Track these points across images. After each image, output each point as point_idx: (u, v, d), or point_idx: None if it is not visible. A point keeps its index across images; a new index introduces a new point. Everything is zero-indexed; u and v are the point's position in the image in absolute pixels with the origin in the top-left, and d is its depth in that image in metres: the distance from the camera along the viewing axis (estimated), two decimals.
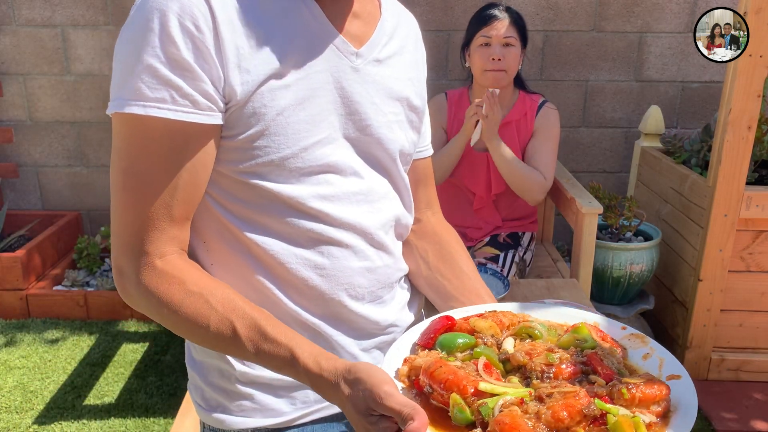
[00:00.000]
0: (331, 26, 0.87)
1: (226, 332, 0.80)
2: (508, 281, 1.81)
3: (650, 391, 0.70)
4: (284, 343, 0.79)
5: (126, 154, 0.79)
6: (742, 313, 2.55)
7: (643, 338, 0.85)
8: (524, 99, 2.31)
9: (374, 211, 0.93)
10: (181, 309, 0.80)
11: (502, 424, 0.65)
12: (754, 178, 2.48)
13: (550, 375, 0.72)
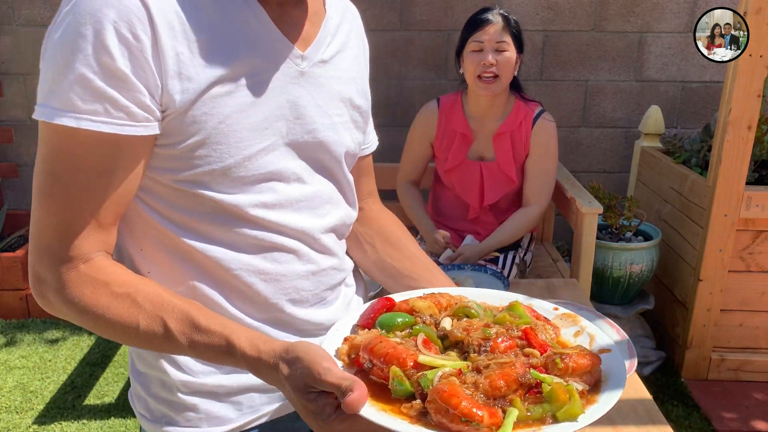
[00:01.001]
0: (277, 30, 0.84)
1: (158, 329, 0.78)
2: (508, 281, 1.81)
3: (582, 362, 0.73)
4: (219, 332, 0.77)
5: (53, 161, 0.76)
6: (742, 313, 2.55)
7: (575, 318, 0.89)
8: (519, 108, 2.26)
9: (318, 215, 0.92)
10: (109, 312, 0.78)
11: (441, 392, 0.66)
12: (754, 178, 2.48)
13: (487, 348, 0.74)
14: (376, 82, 3.54)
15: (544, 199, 2.29)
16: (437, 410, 0.66)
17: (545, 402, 0.69)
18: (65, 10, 0.75)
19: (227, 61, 0.79)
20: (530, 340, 0.77)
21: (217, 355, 0.78)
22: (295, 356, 0.72)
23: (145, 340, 0.79)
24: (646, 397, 1.36)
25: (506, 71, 2.13)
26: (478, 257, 2.17)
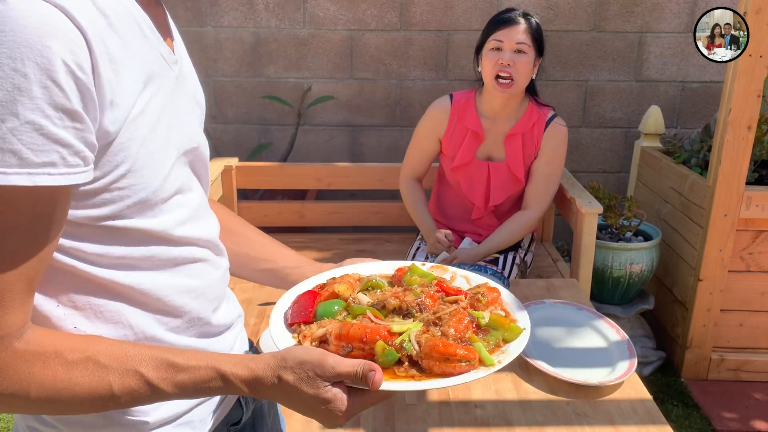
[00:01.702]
0: (159, 36, 0.78)
1: (135, 384, 0.71)
2: (508, 282, 1.81)
3: (494, 294, 0.90)
4: (203, 365, 0.73)
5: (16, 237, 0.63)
6: (742, 313, 2.55)
7: (444, 267, 1.01)
8: (533, 110, 2.25)
9: (210, 219, 0.91)
10: (71, 384, 0.68)
11: (437, 347, 0.76)
12: (753, 178, 2.48)
13: (423, 306, 0.84)
14: (375, 82, 3.57)
15: (545, 204, 2.29)
16: (438, 361, 0.76)
17: (492, 331, 0.83)
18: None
19: (137, 79, 0.72)
20: (446, 290, 0.89)
21: (208, 389, 0.74)
22: (298, 361, 0.73)
23: (122, 402, 0.71)
24: (646, 397, 1.36)
25: (523, 73, 2.12)
26: (474, 261, 2.17)
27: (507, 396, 1.36)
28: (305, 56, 3.23)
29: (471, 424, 1.27)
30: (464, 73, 3.24)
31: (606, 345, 1.53)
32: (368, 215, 2.80)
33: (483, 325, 0.83)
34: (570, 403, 1.34)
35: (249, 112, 3.32)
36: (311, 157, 3.39)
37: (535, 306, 1.66)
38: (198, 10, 3.16)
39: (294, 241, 2.77)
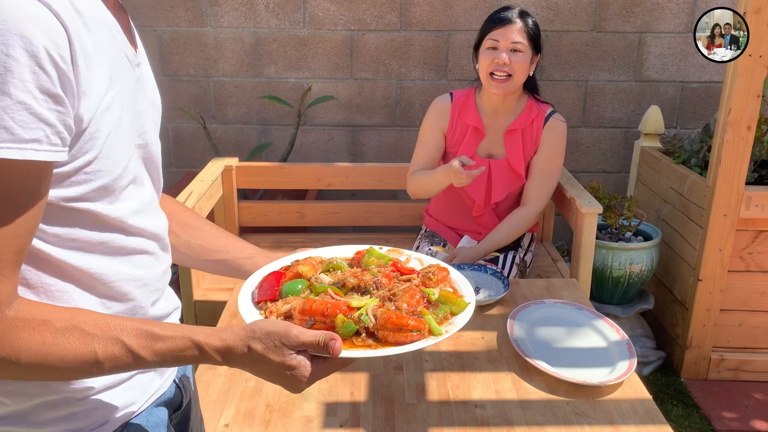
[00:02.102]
0: (127, 40, 0.84)
1: (118, 351, 0.76)
2: (507, 281, 1.82)
3: (444, 273, 1.01)
4: (179, 335, 0.80)
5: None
6: (741, 312, 2.56)
7: (399, 250, 1.13)
8: (532, 107, 2.26)
9: (160, 216, 0.95)
10: (59, 349, 0.73)
11: (390, 319, 0.86)
12: (753, 178, 2.49)
13: (380, 284, 0.94)
14: (375, 82, 3.57)
15: (544, 200, 2.29)
16: (392, 331, 0.86)
17: (441, 305, 0.94)
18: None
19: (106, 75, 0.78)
20: (400, 270, 1.01)
21: (183, 357, 0.80)
22: (265, 332, 0.81)
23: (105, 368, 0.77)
24: (645, 396, 1.36)
25: (519, 72, 2.13)
26: (474, 260, 2.17)
27: (507, 396, 1.36)
28: (305, 56, 3.23)
29: (471, 423, 1.28)
30: (464, 73, 3.24)
31: (606, 345, 1.53)
32: (368, 215, 2.80)
33: (433, 300, 0.94)
34: (570, 402, 1.34)
35: (249, 112, 3.33)
36: (311, 157, 3.39)
37: (535, 306, 1.66)
38: (198, 10, 3.16)
39: (294, 241, 2.77)
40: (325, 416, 1.29)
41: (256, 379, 1.39)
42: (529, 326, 1.59)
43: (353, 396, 1.35)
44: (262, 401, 1.33)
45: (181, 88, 3.27)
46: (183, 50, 3.22)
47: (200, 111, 3.29)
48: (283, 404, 1.32)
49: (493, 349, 1.54)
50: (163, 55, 3.20)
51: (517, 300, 1.77)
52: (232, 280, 2.44)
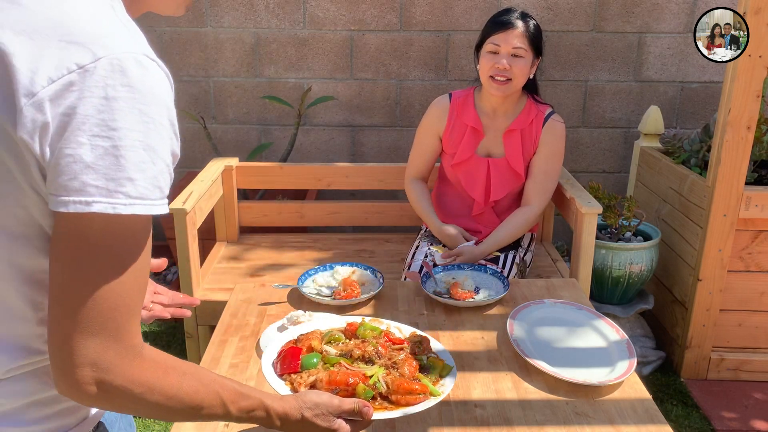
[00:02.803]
0: None
1: (217, 402, 0.86)
2: (507, 282, 1.82)
3: (427, 344, 1.22)
4: (256, 397, 0.91)
5: (119, 250, 0.72)
6: (741, 312, 2.56)
7: (380, 321, 1.33)
8: (531, 107, 2.27)
9: None
10: (180, 394, 0.81)
11: (402, 386, 1.06)
12: (753, 178, 2.49)
13: (381, 353, 1.14)
14: (375, 82, 3.57)
15: (544, 200, 2.30)
16: (404, 395, 1.06)
17: (432, 370, 1.16)
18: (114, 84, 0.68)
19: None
20: (392, 340, 1.20)
21: (253, 417, 0.91)
22: (313, 403, 0.96)
23: (203, 414, 0.86)
24: (645, 396, 1.37)
25: (519, 76, 2.14)
26: (475, 260, 2.17)
27: (507, 396, 1.36)
28: (305, 56, 3.24)
29: (471, 423, 1.28)
30: (464, 73, 3.24)
31: (605, 345, 1.54)
32: (368, 215, 2.80)
33: (423, 364, 1.15)
34: (570, 402, 1.34)
35: (249, 112, 3.33)
36: (311, 157, 3.39)
37: (534, 306, 1.67)
38: (198, 10, 3.17)
39: (294, 241, 2.77)
40: None
41: (257, 378, 1.40)
42: (529, 326, 1.59)
43: None
44: None
45: (181, 88, 3.27)
46: (183, 50, 3.22)
47: (200, 111, 3.29)
48: None
49: (493, 349, 1.54)
50: (164, 55, 3.20)
51: (517, 300, 1.77)
52: (232, 279, 2.44)
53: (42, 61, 0.67)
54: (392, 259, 2.60)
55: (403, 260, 2.55)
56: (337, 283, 1.81)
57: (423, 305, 1.75)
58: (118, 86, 0.68)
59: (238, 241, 2.74)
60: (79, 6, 0.71)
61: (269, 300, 1.75)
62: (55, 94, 0.67)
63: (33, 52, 0.67)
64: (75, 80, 0.67)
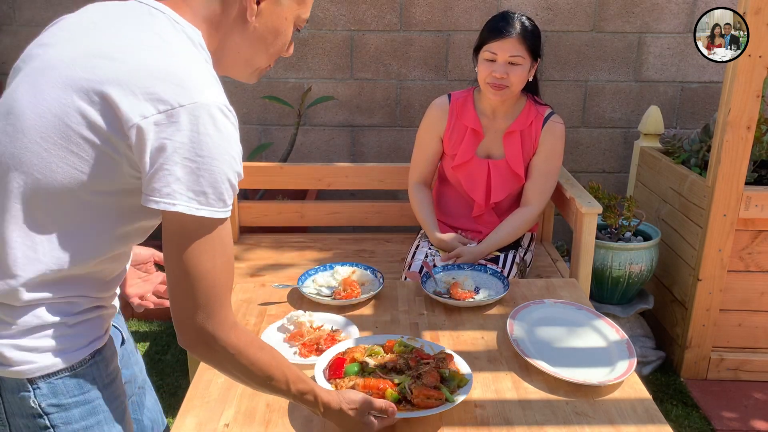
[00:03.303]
0: None
1: (282, 378, 1.08)
2: (507, 282, 1.82)
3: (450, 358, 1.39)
4: (309, 383, 1.13)
5: (202, 243, 0.96)
6: (741, 312, 2.56)
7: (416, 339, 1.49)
8: (530, 108, 2.26)
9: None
10: (258, 362, 1.04)
11: (424, 391, 1.26)
12: (753, 178, 2.49)
13: (409, 365, 1.34)
14: (375, 82, 3.57)
15: (544, 200, 2.30)
16: (423, 399, 1.25)
17: (450, 380, 1.32)
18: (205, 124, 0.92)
19: None
20: (421, 355, 1.39)
21: (304, 399, 1.13)
22: (351, 399, 1.19)
23: (272, 385, 1.08)
24: (645, 396, 1.37)
25: (516, 83, 2.13)
26: (475, 260, 2.17)
27: (507, 396, 1.36)
28: (305, 56, 3.24)
29: (471, 423, 1.28)
30: (464, 73, 3.24)
31: (605, 345, 1.54)
32: (368, 215, 2.80)
33: (445, 376, 1.33)
34: (569, 402, 1.34)
35: (249, 112, 3.33)
36: (311, 157, 3.39)
37: (534, 306, 1.67)
38: None
39: (294, 241, 2.77)
40: None
41: None
42: (528, 326, 1.59)
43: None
44: (262, 401, 1.33)
45: None
46: None
47: None
48: (284, 404, 1.32)
49: (493, 348, 1.54)
50: None
51: (517, 300, 1.77)
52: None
53: (142, 100, 0.91)
54: (392, 259, 2.60)
55: (403, 260, 2.55)
56: (337, 283, 1.81)
57: (423, 305, 1.75)
58: (208, 126, 0.92)
59: (238, 241, 2.75)
60: (185, 59, 0.96)
61: (269, 300, 1.75)
62: (157, 123, 0.91)
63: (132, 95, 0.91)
64: (177, 114, 0.91)
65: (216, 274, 0.97)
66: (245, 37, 1.06)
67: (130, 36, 0.96)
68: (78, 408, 1.04)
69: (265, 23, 1.06)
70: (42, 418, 1.01)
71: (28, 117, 0.95)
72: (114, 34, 0.97)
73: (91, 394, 1.05)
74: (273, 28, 1.07)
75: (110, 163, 0.95)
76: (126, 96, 0.91)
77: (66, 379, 1.02)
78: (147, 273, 1.41)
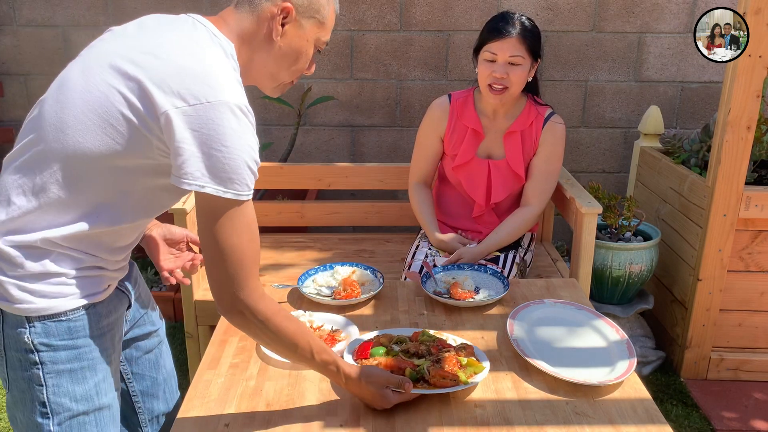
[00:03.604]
0: None
1: (306, 347, 1.21)
2: (507, 282, 1.82)
3: (469, 348, 1.47)
4: (332, 355, 1.25)
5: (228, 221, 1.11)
6: (741, 312, 2.56)
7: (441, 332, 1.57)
8: (531, 108, 2.26)
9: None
10: (285, 330, 1.18)
11: (441, 372, 1.35)
12: (753, 178, 2.49)
13: (431, 351, 1.43)
14: (375, 82, 3.57)
15: (544, 201, 2.30)
16: (442, 378, 1.34)
17: (468, 367, 1.40)
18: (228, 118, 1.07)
19: None
20: (443, 344, 1.47)
21: (327, 370, 1.25)
22: (369, 372, 1.29)
23: (296, 353, 1.22)
24: (645, 396, 1.37)
25: (516, 84, 2.12)
26: (475, 260, 2.17)
27: (507, 395, 1.36)
28: None
29: (471, 423, 1.28)
30: (464, 74, 3.25)
31: (605, 345, 1.54)
32: (368, 215, 2.80)
33: (463, 364, 1.40)
34: (569, 402, 1.34)
35: None
36: (311, 157, 3.39)
37: (534, 306, 1.67)
38: (198, 11, 3.16)
39: (294, 241, 2.77)
40: (325, 416, 1.29)
41: (257, 378, 1.40)
42: (529, 326, 1.59)
43: (353, 396, 1.35)
44: (262, 401, 1.33)
45: None
46: None
47: None
48: (284, 404, 1.32)
49: (493, 348, 1.54)
50: None
51: (517, 300, 1.77)
52: None
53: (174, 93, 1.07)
54: (392, 259, 2.60)
55: (403, 260, 2.55)
56: (337, 283, 1.81)
57: (423, 305, 1.75)
58: (231, 120, 1.07)
59: None
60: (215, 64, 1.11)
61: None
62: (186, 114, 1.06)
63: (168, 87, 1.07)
64: (203, 108, 1.06)
65: (243, 248, 1.12)
66: (271, 54, 1.23)
67: (174, 41, 1.13)
68: (65, 351, 1.18)
69: (289, 43, 1.22)
70: (33, 354, 1.16)
71: (78, 90, 1.12)
72: (160, 37, 1.14)
73: (79, 341, 1.19)
74: (296, 48, 1.23)
75: (143, 140, 1.10)
76: (161, 88, 1.07)
77: (58, 323, 1.16)
78: (179, 251, 1.56)
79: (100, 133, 1.10)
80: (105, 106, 1.09)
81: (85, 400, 1.21)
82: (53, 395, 1.18)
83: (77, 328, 1.18)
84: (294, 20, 1.21)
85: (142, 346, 1.47)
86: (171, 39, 1.13)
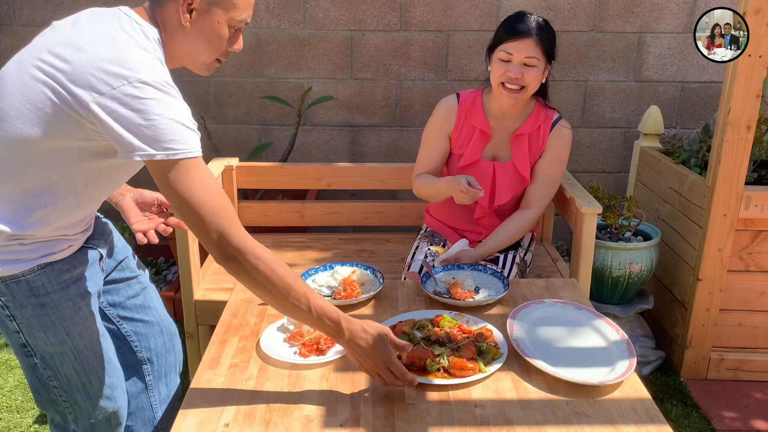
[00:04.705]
0: None
1: (301, 292, 1.26)
2: (507, 282, 1.82)
3: (489, 334, 1.54)
4: (332, 308, 1.30)
5: (185, 178, 1.20)
6: (741, 312, 2.56)
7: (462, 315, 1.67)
8: (539, 112, 2.24)
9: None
10: (278, 271, 1.24)
11: (459, 362, 1.41)
12: (753, 178, 2.49)
13: (451, 338, 1.50)
14: (375, 82, 3.57)
15: (544, 204, 2.29)
16: (458, 369, 1.40)
17: (486, 354, 1.46)
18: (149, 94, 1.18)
19: None
20: (463, 330, 1.56)
21: (326, 323, 1.29)
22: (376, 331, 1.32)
23: (292, 299, 1.26)
24: (645, 396, 1.37)
25: (532, 84, 2.10)
26: (476, 261, 2.16)
27: (507, 395, 1.36)
28: (305, 56, 3.24)
29: (471, 423, 1.28)
30: (464, 74, 3.25)
31: (605, 344, 1.54)
32: (368, 215, 2.80)
33: (482, 349, 1.47)
34: (569, 402, 1.34)
35: (249, 112, 3.33)
36: (311, 157, 3.39)
37: (534, 306, 1.67)
38: None
39: (294, 241, 2.78)
40: (325, 416, 1.29)
41: (257, 378, 1.40)
42: (529, 326, 1.59)
43: (353, 396, 1.35)
44: (262, 401, 1.33)
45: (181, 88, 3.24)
46: None
47: (201, 111, 3.30)
48: (284, 404, 1.32)
49: None
50: None
51: (517, 300, 1.77)
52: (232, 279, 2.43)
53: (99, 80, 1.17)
54: (392, 259, 2.61)
55: (403, 260, 2.55)
56: (337, 283, 1.81)
57: (423, 305, 1.75)
58: (154, 93, 1.18)
59: None
60: (136, 48, 1.22)
61: None
62: (113, 97, 1.16)
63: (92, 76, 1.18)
64: (125, 89, 1.16)
65: (211, 196, 1.21)
66: (186, 37, 1.33)
67: (100, 32, 1.23)
68: (31, 306, 1.34)
69: (200, 27, 1.32)
70: (4, 309, 1.35)
71: (15, 83, 1.22)
72: (89, 31, 1.24)
73: (42, 296, 1.34)
74: (206, 31, 1.32)
75: (77, 124, 1.21)
76: (84, 79, 1.17)
77: (19, 282, 1.32)
78: (152, 213, 1.67)
79: (37, 120, 1.21)
80: (38, 96, 1.20)
81: (59, 344, 1.38)
82: (29, 338, 1.37)
83: (36, 285, 1.33)
84: (199, 5, 1.30)
85: (123, 291, 1.62)
86: (98, 31, 1.23)
